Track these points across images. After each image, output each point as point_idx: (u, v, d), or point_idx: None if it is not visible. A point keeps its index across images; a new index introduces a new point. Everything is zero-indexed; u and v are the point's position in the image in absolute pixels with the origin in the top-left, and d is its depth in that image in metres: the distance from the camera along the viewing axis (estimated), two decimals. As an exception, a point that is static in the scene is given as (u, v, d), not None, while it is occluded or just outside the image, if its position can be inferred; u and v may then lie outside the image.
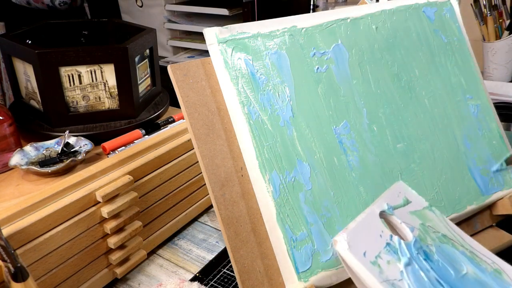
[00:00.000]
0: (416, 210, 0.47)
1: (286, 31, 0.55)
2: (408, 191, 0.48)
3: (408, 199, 0.48)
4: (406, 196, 0.48)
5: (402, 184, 0.49)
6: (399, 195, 0.48)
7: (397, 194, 0.48)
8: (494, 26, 1.09)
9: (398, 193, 0.48)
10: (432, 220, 0.47)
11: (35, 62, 0.64)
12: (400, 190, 0.48)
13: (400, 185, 0.49)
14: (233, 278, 0.64)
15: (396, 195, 0.47)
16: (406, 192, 0.48)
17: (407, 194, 0.48)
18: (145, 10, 1.41)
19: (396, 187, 0.48)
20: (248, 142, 0.50)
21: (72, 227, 0.56)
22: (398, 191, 0.48)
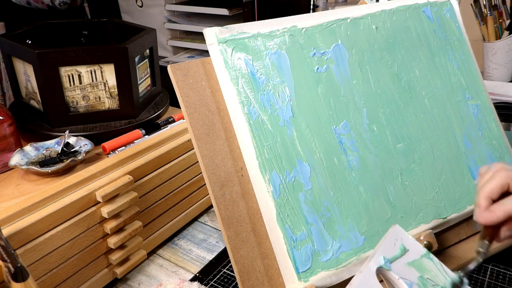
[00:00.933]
0: (414, 260, 0.45)
1: (286, 31, 0.55)
2: (405, 237, 0.46)
3: (405, 247, 0.45)
4: (403, 244, 0.46)
5: (398, 229, 0.46)
6: (395, 243, 0.45)
7: (394, 242, 0.45)
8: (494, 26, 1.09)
9: (394, 240, 0.45)
10: (430, 271, 0.45)
11: (35, 62, 0.64)
12: (397, 236, 0.46)
13: (396, 230, 0.46)
14: (233, 278, 0.64)
15: (392, 243, 0.45)
16: (403, 238, 0.46)
17: (404, 240, 0.46)
18: (145, 10, 1.41)
19: (392, 233, 0.46)
20: (248, 142, 0.50)
21: (72, 227, 0.56)
22: (395, 238, 0.46)
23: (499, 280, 0.61)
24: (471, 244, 0.64)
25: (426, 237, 0.56)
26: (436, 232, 0.58)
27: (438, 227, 0.59)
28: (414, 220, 0.57)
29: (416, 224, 0.57)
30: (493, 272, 0.63)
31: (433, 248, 0.56)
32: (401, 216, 0.56)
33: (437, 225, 0.59)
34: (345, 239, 0.52)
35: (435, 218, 0.58)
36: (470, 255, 0.63)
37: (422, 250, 0.46)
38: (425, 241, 0.56)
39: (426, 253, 0.46)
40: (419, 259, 0.46)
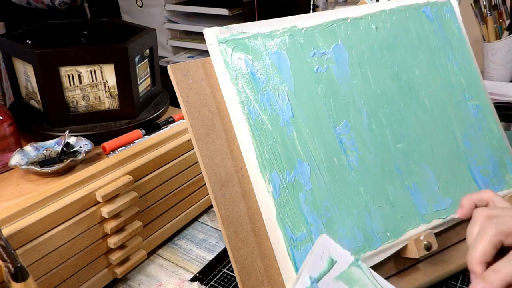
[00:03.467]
0: (342, 272, 0.44)
1: (286, 31, 0.55)
2: (332, 247, 0.45)
3: (333, 258, 0.44)
4: (331, 255, 0.44)
5: (325, 238, 0.45)
6: (323, 256, 0.44)
7: (321, 255, 0.44)
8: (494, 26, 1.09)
9: (322, 253, 0.44)
10: (358, 280, 0.44)
11: (35, 62, 0.64)
12: (324, 248, 0.44)
13: (323, 241, 0.45)
14: (233, 278, 0.64)
15: (319, 257, 0.44)
16: (330, 248, 0.45)
17: (331, 251, 0.44)
18: (145, 10, 1.41)
19: (320, 245, 0.44)
20: (248, 142, 0.50)
21: (72, 227, 0.56)
22: (322, 250, 0.44)
23: (499, 280, 0.61)
24: (471, 244, 0.64)
25: (426, 237, 0.56)
26: (436, 232, 0.58)
27: (438, 227, 0.59)
28: (414, 220, 0.57)
29: (416, 224, 0.57)
30: (493, 272, 0.63)
31: (432, 248, 0.56)
32: (401, 216, 0.56)
33: (437, 225, 0.59)
34: (345, 239, 0.52)
35: (435, 218, 0.58)
36: (470, 255, 0.63)
37: (349, 258, 0.45)
38: (425, 241, 0.56)
39: (354, 261, 0.45)
40: (348, 270, 0.44)
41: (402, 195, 0.57)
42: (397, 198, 0.57)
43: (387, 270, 0.58)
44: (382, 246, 0.54)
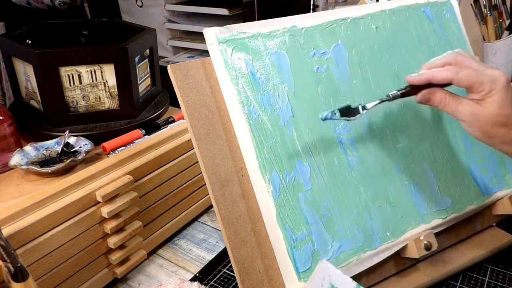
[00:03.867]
0: None
1: (286, 31, 0.55)
2: (332, 273, 0.43)
3: (333, 285, 0.43)
4: (331, 282, 0.43)
5: (325, 265, 0.44)
6: (323, 283, 0.43)
7: (321, 282, 0.43)
8: (494, 26, 1.09)
9: (322, 280, 0.43)
10: None
11: (35, 62, 0.64)
12: (324, 275, 0.43)
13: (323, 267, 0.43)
14: (233, 278, 0.64)
15: (319, 284, 0.43)
16: (330, 275, 0.43)
17: (332, 278, 0.43)
18: (145, 10, 1.41)
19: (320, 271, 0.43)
20: (248, 142, 0.50)
21: (72, 227, 0.56)
22: (322, 277, 0.43)
23: (499, 280, 0.61)
24: (471, 244, 0.65)
25: (426, 237, 0.56)
26: (436, 232, 0.58)
27: (438, 227, 0.59)
28: (414, 220, 0.57)
29: (416, 224, 0.57)
30: (493, 272, 0.63)
31: (432, 248, 0.56)
32: (401, 216, 0.56)
33: (437, 225, 0.59)
34: (345, 239, 0.52)
35: (435, 218, 0.58)
36: (470, 255, 0.63)
37: (351, 285, 0.43)
38: (425, 241, 0.56)
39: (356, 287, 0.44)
40: None
41: (402, 195, 0.57)
42: (397, 198, 0.57)
43: (387, 270, 0.58)
44: (382, 246, 0.54)
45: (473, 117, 0.47)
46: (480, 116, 0.46)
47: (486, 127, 0.47)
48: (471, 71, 0.47)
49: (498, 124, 0.46)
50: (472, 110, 0.47)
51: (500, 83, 0.46)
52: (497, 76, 0.46)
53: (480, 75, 0.46)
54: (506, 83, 0.46)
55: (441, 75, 0.48)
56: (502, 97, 0.46)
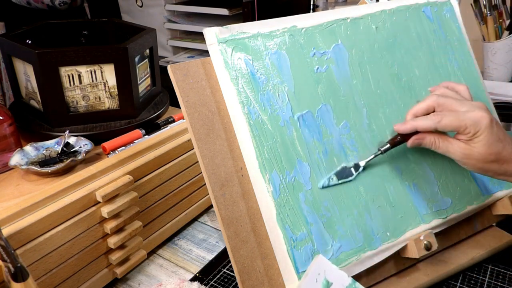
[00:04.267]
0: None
1: (286, 31, 0.55)
2: (328, 268, 0.44)
3: (328, 281, 0.43)
4: (326, 277, 0.43)
5: (320, 259, 0.44)
6: (318, 278, 0.43)
7: (316, 277, 0.43)
8: (494, 26, 1.09)
9: (317, 275, 0.43)
10: None
11: (35, 62, 0.64)
12: (319, 270, 0.43)
13: (319, 262, 0.44)
14: (233, 278, 0.64)
15: (314, 279, 0.43)
16: (326, 270, 0.43)
17: (327, 273, 0.43)
18: (145, 10, 1.41)
19: (315, 266, 0.43)
20: (248, 142, 0.50)
21: (72, 227, 0.56)
22: (317, 272, 0.43)
23: (499, 280, 0.61)
24: (471, 244, 0.65)
25: (426, 237, 0.56)
26: (436, 232, 0.58)
27: (438, 227, 0.59)
28: (414, 220, 0.57)
29: (416, 224, 0.57)
30: (493, 272, 0.63)
31: (432, 248, 0.56)
32: (401, 216, 0.56)
33: (437, 225, 0.59)
34: (345, 239, 0.52)
35: (435, 218, 0.58)
36: (470, 255, 0.63)
37: (346, 280, 0.44)
38: (425, 241, 0.56)
39: (351, 283, 0.44)
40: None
41: (402, 195, 0.57)
42: (397, 198, 0.57)
43: (387, 270, 0.58)
44: (382, 246, 0.54)
45: (464, 156, 0.49)
46: (471, 155, 0.49)
47: (479, 164, 0.49)
48: (453, 116, 0.48)
49: (489, 161, 0.49)
50: (462, 150, 0.49)
51: (483, 125, 0.48)
52: (479, 118, 0.48)
53: (463, 120, 0.48)
54: (489, 124, 0.48)
55: (424, 125, 0.50)
56: (487, 137, 0.48)
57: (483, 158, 0.48)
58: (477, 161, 0.49)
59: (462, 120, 0.48)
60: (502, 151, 0.48)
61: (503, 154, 0.48)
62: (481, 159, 0.48)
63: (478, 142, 0.48)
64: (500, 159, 0.48)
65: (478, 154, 0.48)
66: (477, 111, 0.48)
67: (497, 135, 0.48)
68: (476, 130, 0.48)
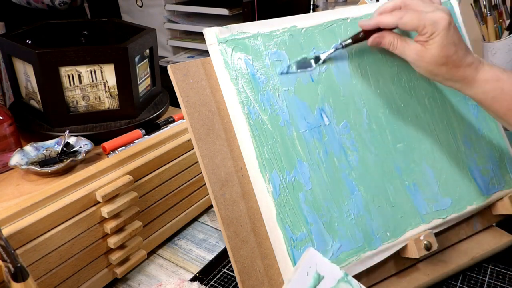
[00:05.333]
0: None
1: (286, 31, 0.55)
2: (319, 261, 0.43)
3: (319, 274, 0.42)
4: (318, 270, 0.42)
5: (312, 252, 0.43)
6: (309, 271, 0.42)
7: (307, 271, 0.42)
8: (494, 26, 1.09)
9: (308, 268, 0.42)
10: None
11: (35, 62, 0.64)
12: (311, 262, 0.42)
13: (310, 255, 0.43)
14: (233, 278, 0.64)
15: (305, 272, 0.42)
16: (317, 263, 0.42)
17: (318, 266, 0.42)
18: (145, 10, 1.41)
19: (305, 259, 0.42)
20: (248, 142, 0.50)
21: (72, 227, 0.56)
22: (308, 265, 0.42)
23: (499, 280, 0.61)
24: (471, 244, 0.65)
25: (426, 237, 0.56)
26: (436, 232, 0.58)
27: (438, 227, 0.59)
28: (414, 220, 0.57)
29: (416, 224, 0.57)
30: (493, 272, 0.63)
31: (432, 248, 0.56)
32: (401, 216, 0.56)
33: (437, 225, 0.59)
34: (345, 239, 0.52)
35: (435, 218, 0.58)
36: (470, 255, 0.63)
37: (338, 273, 0.43)
38: (425, 241, 0.56)
39: (343, 277, 0.43)
40: (336, 286, 0.43)
41: (402, 195, 0.57)
42: (397, 198, 0.57)
43: (387, 270, 0.58)
44: (382, 246, 0.54)
45: (418, 58, 0.51)
46: (424, 57, 0.50)
47: (430, 67, 0.51)
48: (415, 15, 0.49)
49: (439, 64, 0.50)
50: (417, 52, 0.51)
51: (441, 25, 0.48)
52: (438, 18, 0.48)
53: (423, 19, 0.49)
54: (447, 25, 0.49)
55: (387, 20, 0.51)
56: (442, 38, 0.49)
57: (435, 60, 0.50)
58: (428, 63, 0.50)
59: (422, 19, 0.49)
60: (453, 55, 0.49)
61: (453, 57, 0.49)
62: (433, 61, 0.50)
63: (433, 43, 0.49)
64: (449, 63, 0.50)
65: (431, 56, 0.49)
66: (439, 12, 0.49)
67: (452, 38, 0.49)
68: (433, 30, 0.48)
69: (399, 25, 0.50)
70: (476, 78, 0.50)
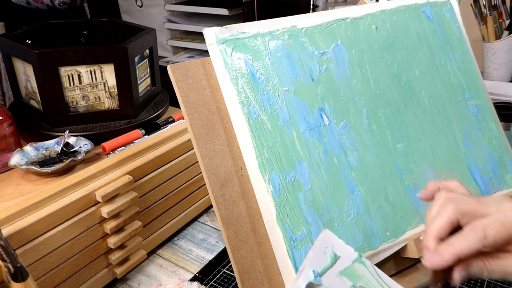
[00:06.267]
0: (345, 268, 0.43)
1: (286, 31, 0.55)
2: (335, 242, 0.44)
3: (336, 254, 0.43)
4: (334, 251, 0.43)
5: (328, 234, 0.44)
6: (326, 251, 0.43)
7: (324, 250, 0.43)
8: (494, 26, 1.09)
9: (325, 248, 0.43)
10: (362, 277, 0.43)
11: (35, 62, 0.64)
12: (327, 243, 0.43)
13: (326, 235, 0.43)
14: (233, 278, 0.64)
15: (323, 252, 0.43)
16: (333, 243, 0.43)
17: (334, 246, 0.43)
18: (145, 10, 1.41)
19: (323, 239, 0.43)
20: (248, 142, 0.50)
21: (72, 227, 0.56)
22: (325, 245, 0.43)
23: (499, 280, 0.61)
24: (471, 244, 0.64)
25: (426, 237, 0.56)
26: (436, 232, 0.58)
27: (438, 227, 0.59)
28: (414, 220, 0.57)
29: (416, 224, 0.57)
30: (493, 272, 0.63)
31: (433, 248, 0.56)
32: (401, 216, 0.56)
33: (437, 225, 0.59)
34: (345, 239, 0.52)
35: (435, 218, 0.58)
36: (470, 255, 0.63)
37: (353, 254, 0.44)
38: (425, 241, 0.56)
39: (357, 257, 0.44)
40: (351, 266, 0.43)
41: (402, 195, 0.57)
42: (397, 198, 0.57)
43: (387, 270, 0.58)
44: (382, 246, 0.54)
45: None
46: None
47: None
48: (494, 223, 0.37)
49: None
50: None
51: None
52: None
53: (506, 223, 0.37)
54: None
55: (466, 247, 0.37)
56: None
57: None
58: None
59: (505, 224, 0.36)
60: None
61: None
62: None
63: None
64: None
65: None
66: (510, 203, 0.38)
67: None
68: None
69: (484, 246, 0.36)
70: None
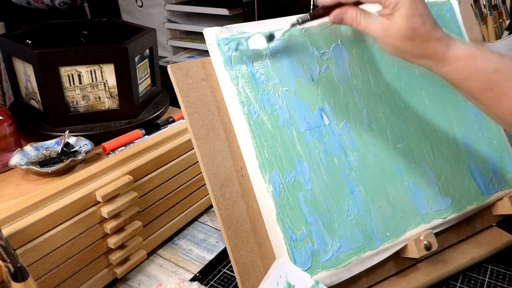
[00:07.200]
0: None
1: (286, 31, 0.55)
2: (290, 271, 0.43)
3: (290, 283, 0.42)
4: (288, 280, 0.42)
5: (283, 262, 0.43)
6: (279, 281, 0.42)
7: (277, 280, 0.42)
8: (494, 26, 1.09)
9: (278, 278, 0.42)
10: None
11: (35, 62, 0.64)
12: (281, 272, 0.42)
13: (280, 264, 0.43)
14: (233, 278, 0.64)
15: (275, 282, 0.42)
16: (288, 272, 0.43)
17: (289, 275, 0.42)
18: (145, 10, 1.41)
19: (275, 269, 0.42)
20: (248, 142, 0.50)
21: (72, 227, 0.56)
22: (279, 274, 0.42)
23: (499, 280, 0.61)
24: (471, 244, 0.65)
25: (426, 237, 0.56)
26: (436, 232, 0.58)
27: (438, 227, 0.59)
28: (414, 220, 0.57)
29: (416, 224, 0.57)
30: (493, 272, 0.63)
31: (432, 248, 0.56)
32: (401, 216, 0.56)
33: (437, 225, 0.59)
34: (345, 239, 0.52)
35: (435, 218, 0.58)
36: (470, 255, 0.63)
37: (309, 281, 0.43)
38: (425, 241, 0.56)
39: (314, 285, 0.43)
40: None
41: (402, 195, 0.57)
42: (397, 198, 0.57)
43: (387, 270, 0.58)
44: (382, 246, 0.54)
45: (383, 32, 0.46)
46: (390, 31, 0.46)
47: (396, 42, 0.46)
48: None
49: (406, 38, 0.45)
50: (382, 26, 0.46)
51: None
52: None
53: None
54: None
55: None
56: (408, 9, 0.44)
57: (401, 34, 0.45)
58: (394, 38, 0.46)
59: None
60: (420, 27, 0.45)
61: (421, 30, 0.45)
62: (399, 35, 0.45)
63: (398, 15, 0.45)
64: (416, 36, 0.45)
65: (397, 29, 0.45)
66: None
67: (418, 9, 0.45)
68: (397, 1, 0.44)
69: None
70: (448, 55, 0.46)
